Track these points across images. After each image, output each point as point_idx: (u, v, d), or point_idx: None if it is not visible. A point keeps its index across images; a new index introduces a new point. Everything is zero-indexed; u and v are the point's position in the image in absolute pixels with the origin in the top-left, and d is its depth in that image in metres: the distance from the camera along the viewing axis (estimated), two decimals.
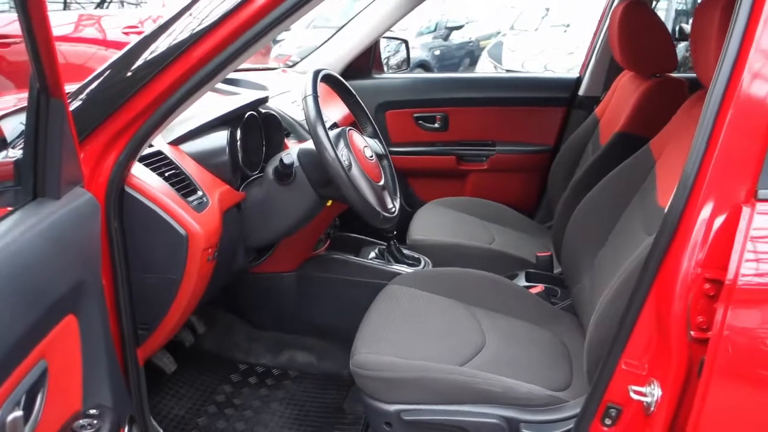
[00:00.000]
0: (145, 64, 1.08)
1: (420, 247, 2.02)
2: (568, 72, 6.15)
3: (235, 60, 1.09)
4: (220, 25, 1.06)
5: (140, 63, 1.09)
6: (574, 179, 1.90)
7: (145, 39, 1.11)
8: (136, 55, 1.10)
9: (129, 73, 1.09)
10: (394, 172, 1.63)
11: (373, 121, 1.62)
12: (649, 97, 1.80)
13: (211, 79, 1.10)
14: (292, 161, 1.35)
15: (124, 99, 1.08)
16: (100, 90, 1.09)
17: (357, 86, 2.54)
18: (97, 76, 1.10)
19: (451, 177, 2.61)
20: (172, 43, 1.08)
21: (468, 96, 2.53)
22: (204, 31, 1.06)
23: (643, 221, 1.39)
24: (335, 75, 1.50)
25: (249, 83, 1.93)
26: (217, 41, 1.07)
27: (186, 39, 1.07)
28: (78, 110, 1.07)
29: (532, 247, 2.14)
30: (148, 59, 1.09)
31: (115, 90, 1.08)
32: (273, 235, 1.47)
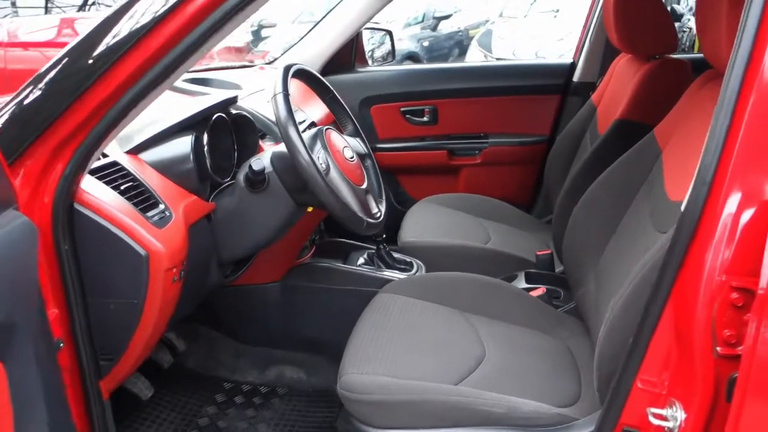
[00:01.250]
0: (89, 65, 0.96)
1: (412, 250, 1.90)
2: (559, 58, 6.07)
3: (191, 56, 0.96)
4: (172, 15, 0.94)
5: (82, 64, 0.96)
6: (573, 171, 1.78)
7: (87, 38, 0.98)
8: (77, 57, 0.98)
9: (70, 76, 0.97)
10: (378, 173, 1.51)
11: (353, 119, 1.50)
12: (650, 80, 1.68)
13: (164, 79, 0.97)
14: (263, 167, 1.23)
15: (65, 105, 0.96)
16: (38, 97, 0.97)
17: (340, 81, 2.43)
18: (34, 82, 0.97)
19: (443, 173, 2.49)
20: (116, 40, 0.95)
21: (457, 87, 2.41)
22: (154, 24, 0.93)
23: (652, 217, 1.27)
24: (309, 70, 1.38)
25: (221, 83, 1.80)
26: (170, 34, 0.94)
27: (134, 33, 0.94)
28: (12, 121, 0.94)
29: (531, 244, 2.02)
30: (93, 59, 0.96)
31: (55, 96, 0.96)
32: (248, 248, 1.35)
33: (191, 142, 1.22)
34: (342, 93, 2.41)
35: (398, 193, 2.54)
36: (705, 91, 1.28)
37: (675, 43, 1.71)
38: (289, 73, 1.25)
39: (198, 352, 1.83)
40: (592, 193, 1.50)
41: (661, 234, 1.19)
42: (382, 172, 2.51)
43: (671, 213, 1.19)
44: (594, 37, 2.27)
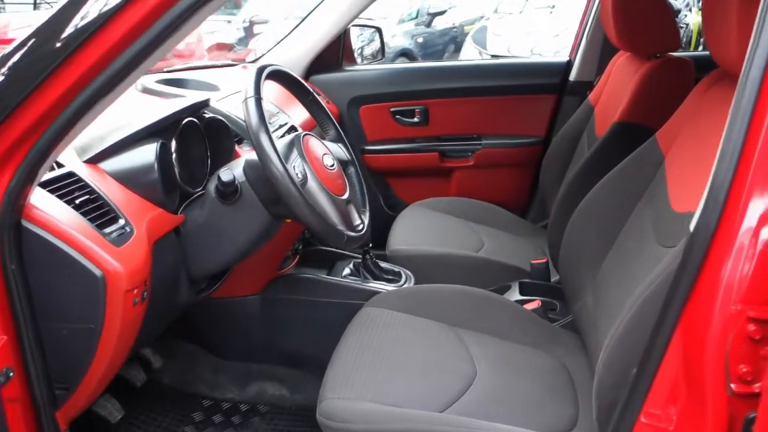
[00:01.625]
0: (36, 64, 0.86)
1: (400, 259, 1.81)
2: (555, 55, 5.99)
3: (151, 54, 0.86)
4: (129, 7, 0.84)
5: (29, 63, 0.87)
6: (570, 175, 1.69)
7: (35, 33, 0.88)
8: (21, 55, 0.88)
9: (14, 80, 0.87)
10: (362, 181, 1.41)
11: (336, 123, 1.40)
12: (651, 80, 1.58)
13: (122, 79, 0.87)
14: (233, 178, 1.13)
15: (6, 112, 0.86)
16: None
17: (327, 80, 2.34)
18: None
19: (435, 175, 2.40)
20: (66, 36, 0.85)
21: (449, 86, 2.31)
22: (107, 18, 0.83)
23: (655, 229, 1.18)
24: (285, 71, 1.28)
25: (198, 83, 1.70)
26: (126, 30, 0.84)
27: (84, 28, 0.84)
28: None
29: (526, 251, 1.93)
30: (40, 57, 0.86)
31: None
32: (221, 262, 1.26)
33: (156, 149, 1.12)
34: (329, 93, 2.33)
35: (388, 197, 2.45)
36: (712, 93, 1.19)
37: (677, 40, 1.62)
38: (263, 75, 1.16)
39: (175, 368, 1.74)
40: (590, 201, 1.41)
41: (665, 249, 1.10)
42: (371, 175, 2.45)
43: (676, 226, 1.10)
44: (591, 35, 2.18)
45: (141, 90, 1.55)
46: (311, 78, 2.31)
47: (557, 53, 5.79)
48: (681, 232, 1.06)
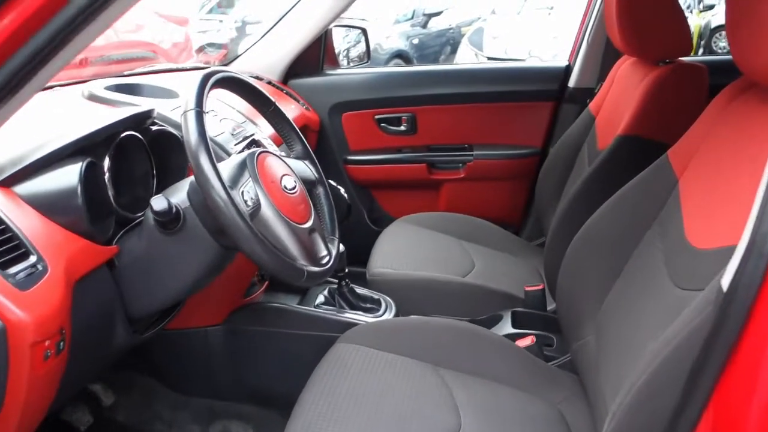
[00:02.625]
0: None
1: (381, 284, 1.64)
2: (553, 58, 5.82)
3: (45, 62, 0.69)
4: None
5: None
6: (569, 193, 1.52)
7: None
8: None
9: None
10: (332, 204, 1.24)
11: (302, 137, 1.23)
12: (660, 89, 1.42)
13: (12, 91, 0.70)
14: (167, 206, 0.95)
15: None
16: None
17: (306, 85, 2.17)
18: None
19: (423, 188, 2.23)
20: None
21: (438, 92, 2.14)
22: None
23: (668, 263, 1.01)
24: (239, 77, 1.10)
25: (155, 90, 1.53)
26: None
27: None
28: None
29: (520, 273, 1.76)
30: None
31: None
32: (164, 300, 1.08)
33: (80, 170, 0.94)
34: (309, 98, 2.16)
35: (373, 210, 2.28)
36: (736, 106, 1.01)
37: (689, 45, 1.45)
38: (208, 83, 0.98)
39: (130, 405, 1.56)
40: (592, 225, 1.25)
41: (682, 291, 0.93)
42: (354, 187, 2.28)
43: (694, 265, 0.93)
44: (592, 38, 2.01)
45: (87, 97, 1.37)
46: (290, 82, 2.15)
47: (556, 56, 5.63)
48: (701, 274, 0.89)
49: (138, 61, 3.95)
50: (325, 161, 2.20)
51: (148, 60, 4.01)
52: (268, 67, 2.10)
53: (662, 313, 0.96)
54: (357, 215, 2.25)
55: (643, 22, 1.45)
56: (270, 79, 2.07)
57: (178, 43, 5.54)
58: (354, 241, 2.25)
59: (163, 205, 0.94)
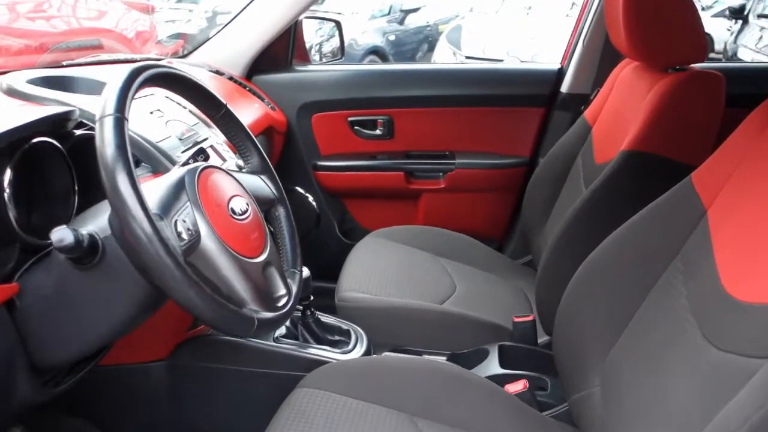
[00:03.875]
0: None
1: (351, 311, 1.45)
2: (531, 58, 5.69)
3: None
4: None
5: None
6: (567, 215, 1.34)
7: None
8: None
9: None
10: (293, 228, 1.04)
11: (259, 146, 1.03)
12: (672, 100, 1.25)
13: None
14: (73, 241, 0.74)
15: None
16: None
17: (273, 82, 1.96)
18: None
19: (399, 198, 2.04)
20: None
21: (419, 94, 1.95)
22: None
23: (698, 315, 0.84)
24: (179, 74, 0.89)
25: (92, 84, 1.31)
26: None
27: None
28: None
29: (506, 299, 1.59)
30: None
31: None
32: (83, 348, 0.87)
33: None
34: (276, 97, 1.95)
35: (344, 221, 2.08)
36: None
37: (704, 50, 1.29)
38: (136, 81, 0.78)
39: None
40: (598, 258, 1.07)
41: (724, 354, 0.76)
42: (324, 196, 2.08)
43: (738, 323, 0.76)
44: (589, 39, 1.84)
45: (5, 91, 1.15)
46: (254, 78, 1.94)
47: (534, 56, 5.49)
48: (750, 336, 0.73)
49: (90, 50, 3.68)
50: (292, 167, 2.01)
51: (95, 49, 3.73)
52: (229, 61, 1.88)
53: (697, 377, 0.79)
54: (327, 227, 2.05)
55: (653, 24, 1.28)
56: (231, 74, 1.86)
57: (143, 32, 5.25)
58: (323, 254, 2.06)
59: (65, 240, 0.72)
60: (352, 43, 6.50)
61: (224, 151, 1.31)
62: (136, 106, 1.23)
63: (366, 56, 6.85)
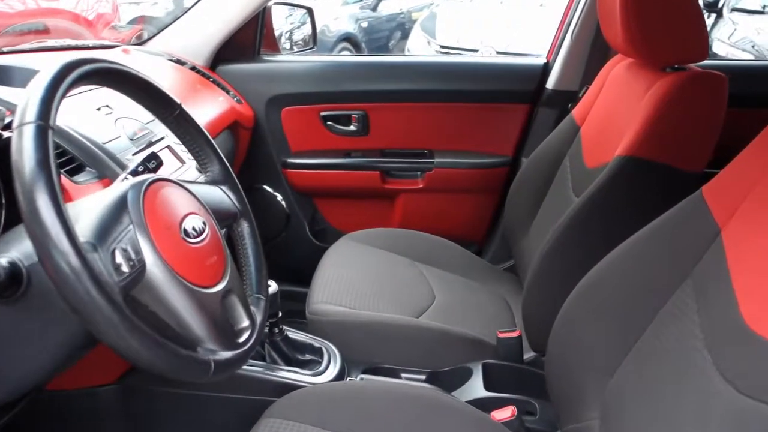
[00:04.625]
0: None
1: (323, 325, 1.33)
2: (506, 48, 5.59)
3: None
4: None
5: None
6: (557, 225, 1.24)
7: None
8: None
9: None
10: (259, 244, 0.92)
11: (220, 153, 0.90)
12: (673, 102, 1.15)
13: None
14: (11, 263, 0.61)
15: None
16: None
17: (239, 73, 1.82)
18: None
19: (374, 199, 1.93)
20: None
21: (396, 88, 1.84)
22: None
23: (714, 350, 0.75)
24: (122, 69, 0.75)
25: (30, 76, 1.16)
26: None
27: None
28: None
29: (488, 309, 1.50)
30: None
31: None
32: (5, 390, 0.74)
33: None
34: (242, 89, 1.81)
35: (315, 222, 1.96)
36: None
37: (706, 49, 1.19)
38: (66, 80, 0.65)
39: None
40: (597, 277, 0.98)
41: (748, 401, 0.67)
42: (294, 196, 1.96)
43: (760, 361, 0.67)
44: (577, 33, 1.73)
45: None
46: (218, 69, 1.80)
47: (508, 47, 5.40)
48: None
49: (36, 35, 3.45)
50: (260, 164, 1.88)
51: (41, 34, 3.50)
52: (191, 49, 1.74)
53: (713, 422, 0.70)
54: (297, 228, 1.93)
55: (652, 19, 1.18)
56: (194, 63, 1.72)
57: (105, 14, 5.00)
58: (293, 258, 1.94)
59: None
60: (324, 29, 6.33)
61: (183, 152, 1.18)
62: (80, 102, 1.10)
63: (338, 43, 6.68)
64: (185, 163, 1.17)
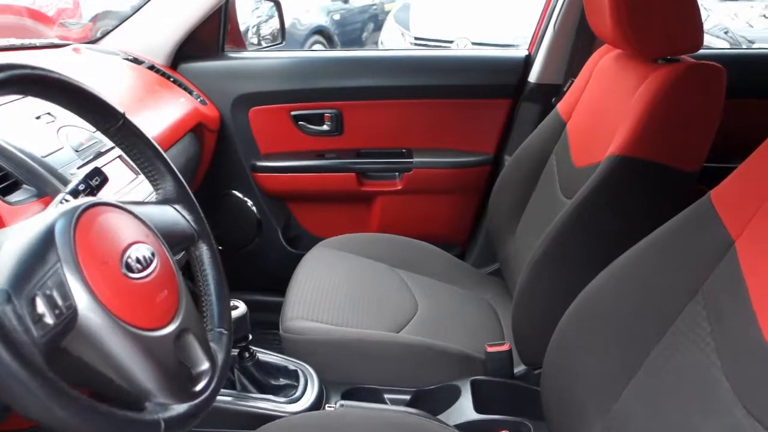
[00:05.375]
0: None
1: (298, 344, 1.24)
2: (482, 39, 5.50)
3: None
4: None
5: None
6: (548, 231, 1.16)
7: None
8: None
9: None
10: (220, 268, 0.81)
11: (173, 167, 0.79)
12: (669, 97, 1.07)
13: None
14: None
15: None
16: None
17: (202, 71, 1.70)
18: None
19: (351, 202, 1.83)
20: None
21: (371, 84, 1.74)
22: None
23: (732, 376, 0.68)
24: (51, 76, 0.64)
25: None
26: None
27: None
28: None
29: (474, 319, 1.42)
30: None
31: None
32: None
33: None
34: (206, 89, 1.68)
35: (289, 228, 1.86)
36: None
37: (701, 39, 1.11)
38: None
39: None
40: (597, 292, 0.89)
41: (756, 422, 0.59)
42: (266, 200, 1.85)
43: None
44: (560, 23, 1.64)
45: None
46: (180, 67, 1.68)
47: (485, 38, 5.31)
48: None
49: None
50: (228, 168, 1.76)
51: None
52: (150, 47, 1.62)
53: None
54: (269, 235, 1.82)
55: (644, 8, 1.10)
56: (153, 62, 1.60)
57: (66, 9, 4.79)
58: (267, 265, 1.83)
59: None
60: (295, 22, 6.17)
61: (127, 167, 1.06)
62: (15, 110, 0.98)
63: (310, 36, 6.54)
64: (140, 174, 1.05)
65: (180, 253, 0.76)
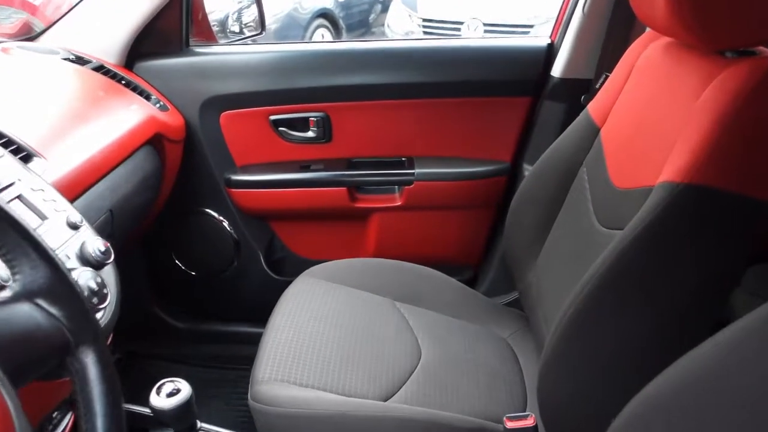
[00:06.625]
0: None
1: (271, 419, 0.99)
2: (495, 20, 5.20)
3: None
4: None
5: None
6: (586, 278, 0.89)
7: None
8: None
9: None
10: (114, 388, 0.55)
11: (34, 236, 0.54)
12: (749, 103, 0.80)
13: None
14: None
15: None
16: None
17: (163, 70, 1.44)
18: None
19: (343, 220, 1.59)
20: None
21: (364, 81, 1.49)
22: None
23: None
24: None
25: None
26: None
27: None
28: None
29: (489, 370, 1.17)
30: None
31: None
32: None
33: None
34: (168, 91, 1.42)
35: (272, 251, 1.62)
36: None
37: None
38: None
39: None
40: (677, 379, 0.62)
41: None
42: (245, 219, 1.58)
43: None
44: (591, 4, 1.36)
45: None
46: (136, 66, 1.43)
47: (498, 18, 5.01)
48: None
49: None
50: (198, 184, 1.52)
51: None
52: (98, 42, 1.38)
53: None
54: (250, 258, 1.58)
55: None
56: (101, 61, 1.35)
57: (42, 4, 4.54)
58: (247, 293, 1.60)
59: None
60: (297, 6, 5.90)
61: (43, 203, 0.81)
62: None
63: (313, 20, 6.26)
64: (47, 218, 0.80)
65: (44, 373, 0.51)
